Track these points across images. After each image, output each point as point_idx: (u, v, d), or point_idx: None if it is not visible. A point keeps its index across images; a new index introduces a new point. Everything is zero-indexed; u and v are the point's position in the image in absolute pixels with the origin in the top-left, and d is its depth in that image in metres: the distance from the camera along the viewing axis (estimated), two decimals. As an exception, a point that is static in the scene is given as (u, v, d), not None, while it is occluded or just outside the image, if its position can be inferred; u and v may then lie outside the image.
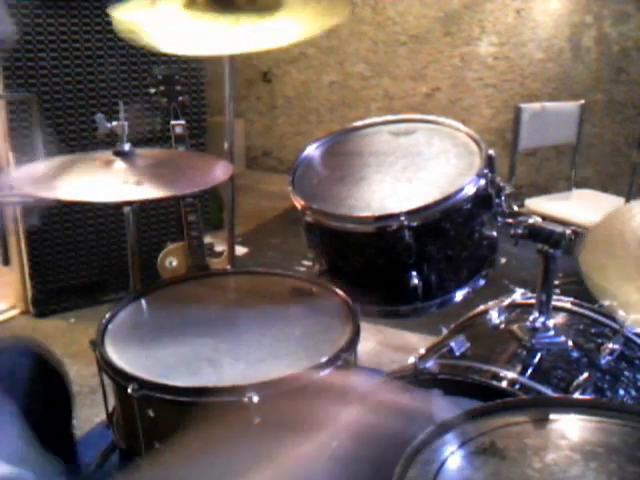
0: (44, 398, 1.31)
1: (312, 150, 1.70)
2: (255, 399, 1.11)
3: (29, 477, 1.02)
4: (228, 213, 2.28)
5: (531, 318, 1.45)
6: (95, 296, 3.03)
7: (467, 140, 1.59)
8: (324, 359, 1.19)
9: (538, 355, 1.40)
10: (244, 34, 1.69)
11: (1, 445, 1.12)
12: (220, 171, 1.60)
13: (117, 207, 2.47)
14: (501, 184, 1.51)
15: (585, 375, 1.31)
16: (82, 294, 3.03)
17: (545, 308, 1.44)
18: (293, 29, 1.76)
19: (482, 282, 1.54)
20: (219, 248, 2.54)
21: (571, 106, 3.40)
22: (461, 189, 1.41)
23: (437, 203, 1.39)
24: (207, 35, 1.70)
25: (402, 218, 1.36)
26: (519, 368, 1.35)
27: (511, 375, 1.32)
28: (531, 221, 1.39)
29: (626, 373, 1.40)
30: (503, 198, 1.50)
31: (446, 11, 4.37)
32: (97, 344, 1.25)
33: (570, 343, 1.43)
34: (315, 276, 1.54)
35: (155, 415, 1.17)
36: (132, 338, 1.30)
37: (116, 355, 1.23)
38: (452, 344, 1.39)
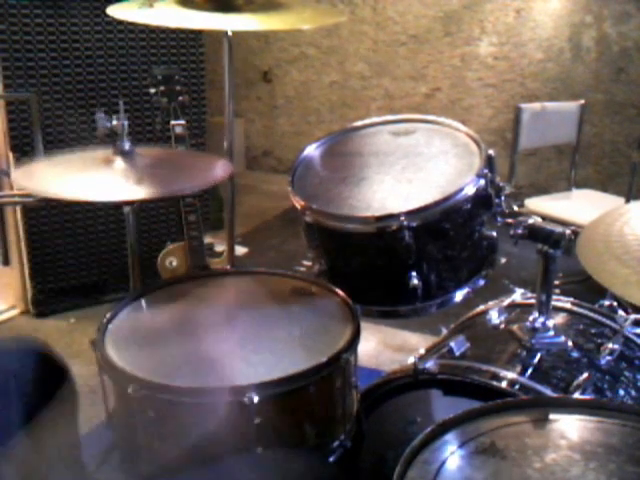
0: (50, 398, 1.31)
1: (312, 150, 1.70)
2: (255, 399, 1.11)
3: None
4: (228, 213, 2.28)
5: (531, 318, 1.45)
6: (95, 296, 3.03)
7: (467, 140, 1.59)
8: (324, 359, 1.19)
9: (538, 355, 1.40)
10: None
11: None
12: (220, 171, 1.60)
13: (117, 207, 2.48)
14: (501, 184, 1.51)
15: (585, 375, 1.31)
16: (82, 294, 3.03)
17: (545, 308, 1.44)
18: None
19: (482, 282, 1.54)
20: (219, 248, 2.54)
21: (571, 106, 3.40)
22: (461, 189, 1.41)
23: (437, 203, 1.39)
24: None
25: (402, 218, 1.36)
26: (519, 368, 1.35)
27: (511, 375, 1.32)
28: (531, 221, 1.39)
29: (626, 373, 1.40)
30: (503, 198, 1.50)
31: (446, 11, 4.37)
32: (97, 344, 1.25)
33: (570, 343, 1.43)
34: (315, 276, 1.54)
35: (155, 415, 1.17)
36: (132, 338, 1.30)
37: (116, 355, 1.23)
38: (452, 344, 1.39)
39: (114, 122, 1.63)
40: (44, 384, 1.29)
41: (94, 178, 1.48)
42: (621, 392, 1.35)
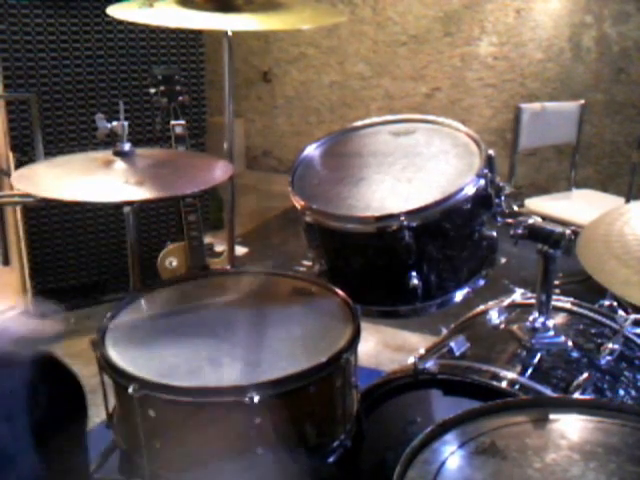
0: (59, 407, 1.31)
1: (312, 150, 1.70)
2: (255, 399, 1.11)
3: None
4: (228, 213, 2.28)
5: (531, 318, 1.45)
6: (95, 296, 3.03)
7: (467, 140, 1.59)
8: (324, 359, 1.19)
9: (538, 355, 1.40)
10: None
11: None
12: (220, 171, 1.60)
13: (117, 207, 2.48)
14: (501, 184, 1.51)
15: (585, 375, 1.31)
16: (82, 294, 3.03)
17: (545, 308, 1.45)
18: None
19: (482, 282, 1.54)
20: (219, 248, 2.54)
21: (571, 106, 3.40)
22: (461, 189, 1.41)
23: (437, 203, 1.39)
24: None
25: (402, 218, 1.36)
26: (519, 368, 1.35)
27: (511, 375, 1.32)
28: (531, 221, 1.39)
29: (626, 373, 1.40)
30: (503, 198, 1.50)
31: (446, 11, 4.37)
32: (97, 344, 1.25)
33: (570, 343, 1.43)
34: (315, 276, 1.54)
35: (155, 415, 1.17)
36: (132, 338, 1.30)
37: (116, 355, 1.23)
38: (452, 344, 1.39)
39: (114, 123, 1.63)
40: (55, 396, 1.30)
41: (94, 179, 1.49)
42: (621, 392, 1.35)
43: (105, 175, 1.50)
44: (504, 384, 1.29)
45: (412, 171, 1.53)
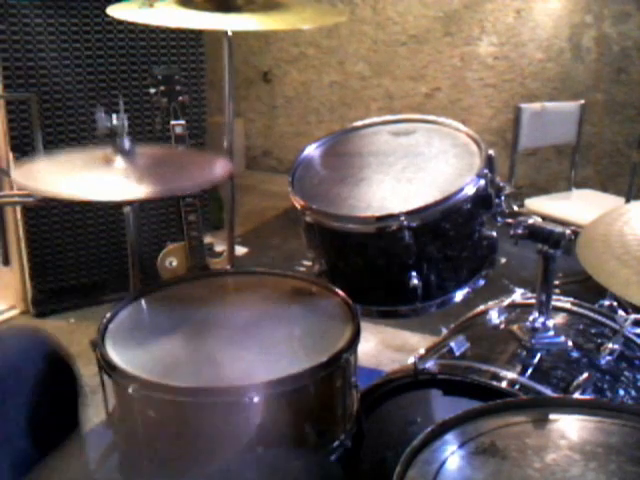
0: (52, 390, 1.31)
1: (312, 150, 1.70)
2: (255, 399, 1.11)
3: None
4: (228, 213, 2.28)
5: (531, 318, 1.45)
6: (95, 296, 3.03)
7: (467, 140, 1.59)
8: (324, 359, 1.19)
9: (538, 355, 1.40)
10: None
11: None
12: (220, 168, 1.59)
13: (117, 207, 2.48)
14: (501, 184, 1.51)
15: (585, 375, 1.31)
16: (82, 294, 3.03)
17: (545, 308, 1.45)
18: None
19: (482, 282, 1.54)
20: (219, 248, 2.55)
21: (571, 106, 3.40)
22: (461, 189, 1.41)
23: (437, 203, 1.39)
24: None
25: (402, 218, 1.36)
26: (519, 368, 1.35)
27: (511, 375, 1.32)
28: (531, 221, 1.39)
29: (626, 373, 1.40)
30: (503, 198, 1.50)
31: (446, 11, 4.37)
32: (97, 344, 1.25)
33: (570, 343, 1.43)
34: (315, 276, 1.54)
35: (155, 415, 1.17)
36: (132, 338, 1.30)
37: (116, 355, 1.23)
38: (452, 344, 1.39)
39: (114, 122, 1.62)
40: (49, 378, 1.29)
41: (94, 177, 1.48)
42: (621, 392, 1.35)
43: (105, 173, 1.50)
44: (504, 384, 1.29)
45: (412, 171, 1.53)
